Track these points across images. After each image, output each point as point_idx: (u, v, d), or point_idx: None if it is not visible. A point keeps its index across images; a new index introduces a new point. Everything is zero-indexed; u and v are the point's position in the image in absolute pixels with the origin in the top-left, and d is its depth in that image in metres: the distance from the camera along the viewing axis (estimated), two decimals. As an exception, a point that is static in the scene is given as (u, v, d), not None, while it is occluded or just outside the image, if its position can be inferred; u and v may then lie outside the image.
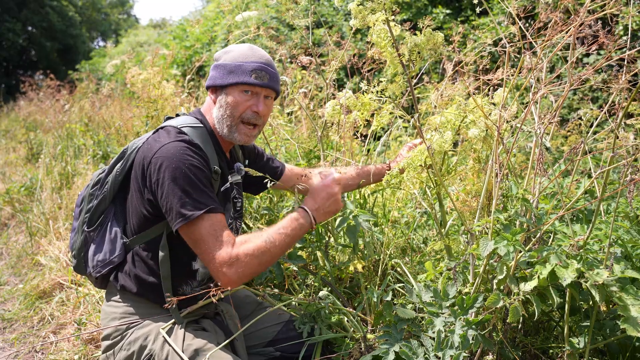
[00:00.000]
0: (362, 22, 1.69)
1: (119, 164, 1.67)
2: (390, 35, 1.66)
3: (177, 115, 1.75)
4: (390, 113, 1.77)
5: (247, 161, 1.89)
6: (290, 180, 2.02)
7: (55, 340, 2.48)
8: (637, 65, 1.41)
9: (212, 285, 1.71)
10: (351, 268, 1.96)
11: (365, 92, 1.76)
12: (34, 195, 4.85)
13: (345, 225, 1.85)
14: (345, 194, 2.27)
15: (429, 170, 1.71)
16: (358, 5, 1.68)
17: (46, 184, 4.85)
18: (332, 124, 2.05)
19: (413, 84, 1.81)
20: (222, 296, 1.70)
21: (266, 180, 1.70)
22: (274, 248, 1.50)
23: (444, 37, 1.67)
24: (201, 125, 1.66)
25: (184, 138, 1.56)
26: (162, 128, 1.63)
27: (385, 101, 1.76)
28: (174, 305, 1.57)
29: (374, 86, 1.75)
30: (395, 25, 1.68)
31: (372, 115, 1.79)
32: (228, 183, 1.69)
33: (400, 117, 1.84)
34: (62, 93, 8.16)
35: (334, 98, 1.81)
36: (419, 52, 1.68)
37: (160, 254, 1.59)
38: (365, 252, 2.10)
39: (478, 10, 1.61)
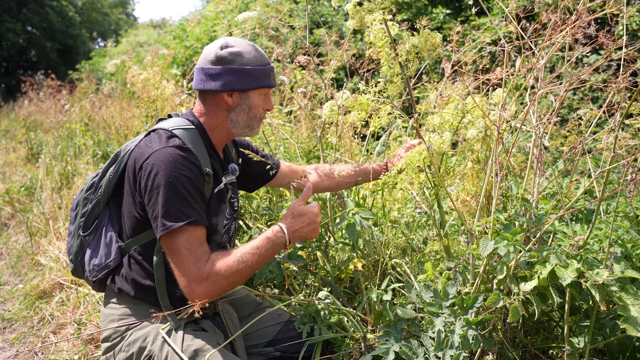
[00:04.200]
0: (359, 22, 1.69)
1: (112, 168, 1.66)
2: (387, 35, 1.66)
3: (170, 116, 1.75)
4: (389, 114, 1.77)
5: (240, 159, 1.89)
6: (287, 178, 2.02)
7: (55, 340, 2.48)
8: (636, 65, 1.41)
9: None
10: (351, 267, 1.96)
11: (363, 92, 1.77)
12: (34, 195, 4.85)
13: (345, 223, 1.85)
14: (345, 193, 2.27)
15: (428, 171, 1.71)
16: (355, 5, 1.68)
17: (46, 184, 4.85)
18: (331, 125, 2.05)
19: (412, 84, 1.81)
20: (200, 314, 1.66)
21: (268, 167, 1.70)
22: (245, 268, 1.49)
23: (442, 37, 1.68)
24: (193, 127, 1.65)
25: (176, 143, 1.55)
26: (153, 131, 1.62)
27: (383, 102, 1.76)
28: (158, 320, 1.58)
29: (372, 86, 1.75)
30: (393, 25, 1.68)
31: (371, 115, 1.80)
32: (222, 184, 1.69)
33: (399, 117, 1.84)
34: (63, 93, 8.17)
35: (332, 98, 1.81)
36: (416, 53, 1.68)
37: (155, 258, 1.59)
38: (366, 251, 2.10)
39: (474, 10, 1.61)
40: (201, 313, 1.28)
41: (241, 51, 1.61)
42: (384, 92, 1.76)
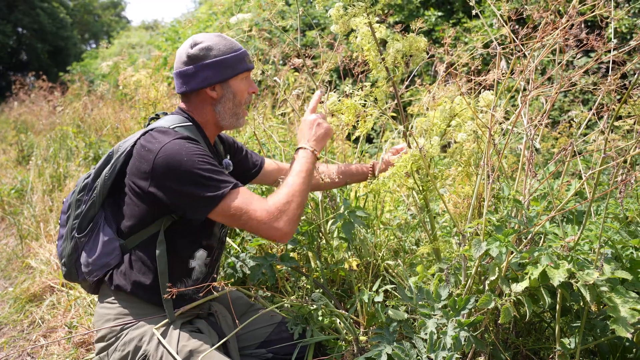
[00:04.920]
0: (343, 27, 1.70)
1: (107, 168, 1.64)
2: (374, 39, 1.66)
3: (157, 115, 1.75)
4: (381, 115, 1.78)
5: (228, 155, 1.90)
6: (272, 175, 2.03)
7: (45, 343, 2.46)
8: (625, 67, 1.42)
9: (207, 283, 1.72)
10: (346, 266, 1.96)
11: (350, 95, 1.78)
12: (24, 198, 4.81)
13: (340, 222, 1.86)
14: (338, 195, 2.27)
15: (416, 175, 1.72)
16: (338, 10, 1.68)
17: (37, 186, 4.82)
18: None
19: (405, 86, 1.81)
20: (216, 294, 1.70)
21: (251, 165, 1.81)
22: (298, 186, 1.57)
23: (434, 39, 1.69)
24: (190, 123, 1.67)
25: (182, 135, 1.57)
26: (152, 129, 1.61)
27: (371, 105, 1.78)
28: (169, 298, 1.57)
29: (359, 89, 1.77)
30: (379, 28, 1.68)
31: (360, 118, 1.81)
32: None
33: (389, 122, 1.85)
34: (55, 95, 8.12)
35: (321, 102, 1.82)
36: (403, 57, 1.69)
37: (157, 250, 1.59)
38: (362, 249, 2.10)
39: (474, 12, 1.62)
40: (210, 299, 1.26)
41: (210, 45, 1.64)
42: (370, 96, 1.77)
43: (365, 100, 1.76)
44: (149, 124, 1.71)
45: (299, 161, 1.64)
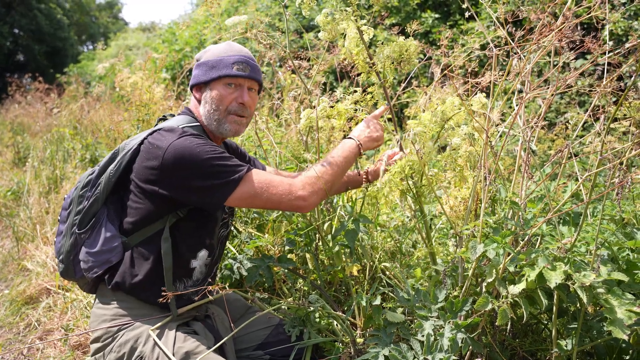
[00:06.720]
0: (331, 34, 1.70)
1: (112, 165, 1.63)
2: (362, 42, 1.66)
3: (165, 116, 1.77)
4: (381, 117, 1.78)
5: None
6: None
7: (41, 345, 2.45)
8: (621, 69, 1.43)
9: (206, 284, 1.72)
10: (347, 272, 1.96)
11: (340, 100, 1.79)
12: (20, 200, 4.79)
13: (345, 230, 1.85)
14: (335, 198, 2.27)
15: (410, 179, 1.72)
16: (325, 16, 1.68)
17: (33, 188, 4.80)
18: (308, 130, 2.04)
19: (402, 88, 1.82)
20: (212, 298, 1.70)
21: None
22: (331, 167, 1.63)
23: (421, 44, 1.70)
24: (197, 123, 1.71)
25: (191, 132, 1.59)
26: (160, 129, 1.61)
27: (362, 110, 1.79)
28: (168, 301, 1.57)
29: (350, 93, 1.78)
30: (368, 30, 1.68)
31: (351, 120, 1.83)
32: None
33: (387, 119, 1.85)
34: (51, 96, 8.10)
35: (312, 107, 1.82)
36: (392, 62, 1.70)
37: (163, 246, 1.59)
38: (362, 253, 2.10)
39: (467, 14, 1.62)
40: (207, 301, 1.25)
41: (210, 48, 1.70)
42: (361, 101, 1.79)
43: (356, 106, 1.78)
44: (157, 124, 1.71)
45: (341, 147, 1.70)
